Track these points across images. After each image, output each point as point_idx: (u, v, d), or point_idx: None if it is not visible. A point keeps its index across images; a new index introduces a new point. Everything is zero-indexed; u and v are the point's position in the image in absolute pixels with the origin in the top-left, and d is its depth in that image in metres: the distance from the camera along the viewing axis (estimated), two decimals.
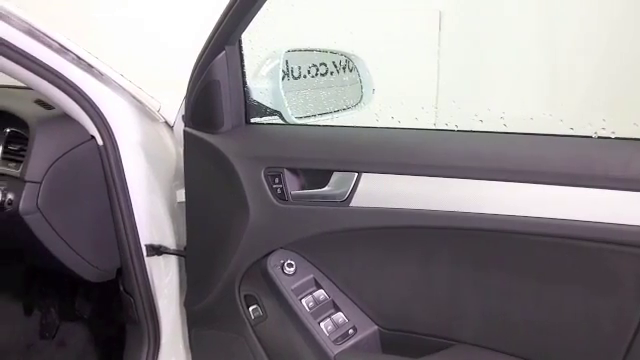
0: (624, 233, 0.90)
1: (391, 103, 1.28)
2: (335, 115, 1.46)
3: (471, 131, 1.06)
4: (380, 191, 1.06)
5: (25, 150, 1.28)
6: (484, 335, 1.07)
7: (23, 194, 1.24)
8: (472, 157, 1.01)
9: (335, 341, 1.13)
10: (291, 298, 1.16)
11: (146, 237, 1.37)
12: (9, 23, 1.10)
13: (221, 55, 1.15)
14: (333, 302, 1.17)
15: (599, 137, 0.98)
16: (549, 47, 2.38)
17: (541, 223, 0.94)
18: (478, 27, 2.50)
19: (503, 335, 1.06)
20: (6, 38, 1.09)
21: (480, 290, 1.05)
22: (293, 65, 1.42)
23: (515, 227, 0.96)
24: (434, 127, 1.11)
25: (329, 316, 1.16)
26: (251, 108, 1.26)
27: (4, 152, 1.34)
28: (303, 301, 1.16)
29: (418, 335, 1.12)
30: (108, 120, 1.28)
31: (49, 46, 1.16)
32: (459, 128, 1.07)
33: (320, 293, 1.17)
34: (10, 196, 1.24)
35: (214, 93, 1.17)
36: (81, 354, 1.83)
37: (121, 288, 1.43)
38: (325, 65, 1.49)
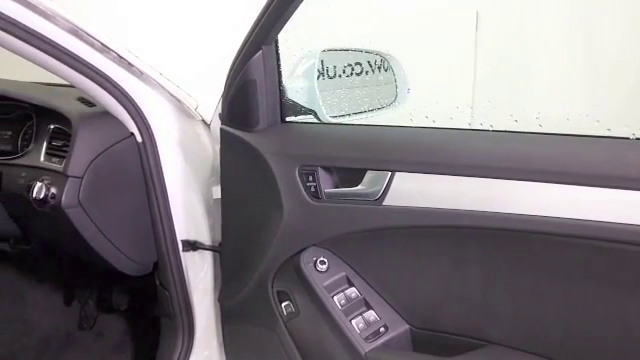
0: None
1: (426, 102, 1.28)
2: (369, 114, 1.47)
3: (506, 131, 1.05)
4: (413, 190, 1.06)
5: (68, 146, 1.31)
6: (515, 336, 1.06)
7: (65, 188, 1.27)
8: (506, 157, 1.00)
9: (366, 339, 1.14)
10: (323, 295, 1.17)
11: (182, 232, 1.39)
12: (55, 23, 1.13)
13: (258, 55, 1.16)
14: (365, 300, 1.18)
15: (637, 139, 0.96)
16: (587, 47, 2.34)
17: (575, 225, 0.93)
18: (515, 27, 2.48)
19: (534, 337, 1.05)
20: (52, 38, 1.12)
21: (512, 291, 1.05)
22: (328, 65, 1.44)
23: (548, 228, 0.95)
24: (469, 127, 1.11)
25: (361, 314, 1.16)
26: (286, 107, 1.27)
27: (48, 148, 1.38)
28: (335, 298, 1.17)
29: (449, 335, 1.12)
30: (147, 118, 1.30)
31: (92, 45, 1.19)
32: (494, 128, 1.07)
33: (352, 291, 1.18)
34: (53, 190, 1.27)
35: (251, 92, 1.19)
36: (117, 345, 1.87)
37: (157, 282, 1.46)
38: (360, 65, 1.50)
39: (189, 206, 1.40)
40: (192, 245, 1.40)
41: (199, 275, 1.45)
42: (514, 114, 1.09)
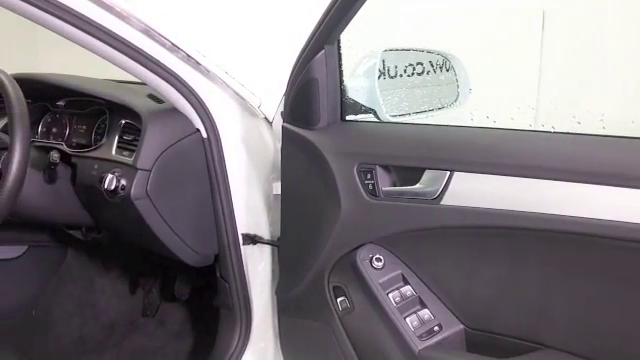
0: None
1: (487, 102, 1.27)
2: (430, 114, 1.47)
3: (567, 133, 1.03)
4: (471, 190, 1.06)
5: (138, 140, 1.36)
6: (570, 341, 1.04)
7: (135, 181, 1.31)
8: (567, 159, 0.98)
9: (420, 337, 1.14)
10: (378, 292, 1.18)
11: (243, 226, 1.42)
12: (129, 23, 1.18)
13: (320, 54, 1.18)
14: (420, 298, 1.18)
15: None
16: None
17: (636, 229, 0.91)
18: (582, 26, 2.40)
19: (590, 342, 1.02)
20: (126, 38, 1.18)
21: (568, 294, 1.03)
22: (390, 64, 1.44)
23: (608, 232, 0.93)
24: (529, 128, 1.09)
25: (415, 312, 1.17)
26: (347, 106, 1.29)
27: (119, 142, 1.42)
28: (390, 296, 1.18)
29: (503, 337, 1.11)
30: (212, 114, 1.34)
31: (162, 45, 1.23)
32: (556, 130, 1.05)
33: (407, 289, 1.19)
34: (123, 182, 1.32)
35: (312, 91, 1.21)
36: (178, 334, 1.93)
37: (217, 274, 1.49)
38: (422, 64, 1.50)
39: (250, 201, 1.43)
40: (252, 239, 1.43)
41: (258, 268, 1.49)
42: (577, 115, 1.07)
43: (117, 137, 1.44)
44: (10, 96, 1.25)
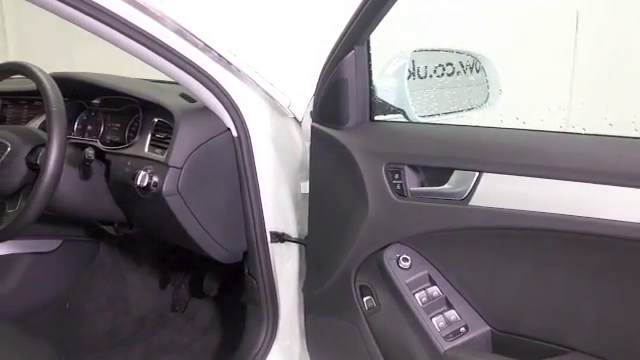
0: None
1: (516, 103, 1.26)
2: (459, 115, 1.46)
3: (598, 135, 1.02)
4: (500, 191, 1.06)
5: (170, 138, 1.38)
6: (598, 345, 1.03)
7: (166, 178, 1.34)
8: (596, 161, 0.97)
9: (446, 337, 1.14)
10: (405, 292, 1.18)
11: (271, 224, 1.43)
12: (163, 24, 1.21)
13: (350, 54, 1.19)
14: (446, 299, 1.18)
15: None
16: None
17: None
18: (616, 28, 2.36)
19: (618, 346, 1.01)
20: (160, 38, 1.20)
21: (597, 298, 1.02)
22: (419, 65, 1.44)
23: (638, 235, 0.92)
24: (560, 129, 1.08)
25: (441, 312, 1.17)
26: (376, 106, 1.29)
27: (152, 139, 1.45)
28: (416, 296, 1.18)
29: (530, 339, 1.10)
30: (243, 114, 1.36)
31: (195, 45, 1.25)
32: (586, 131, 1.04)
33: (434, 289, 1.18)
34: (155, 179, 1.35)
35: (342, 91, 1.22)
36: (206, 329, 1.95)
37: (246, 271, 1.51)
38: (452, 65, 1.49)
39: (278, 199, 1.44)
40: (280, 237, 1.44)
41: (285, 266, 1.50)
42: (609, 117, 1.06)
43: (150, 135, 1.47)
44: (49, 95, 1.29)
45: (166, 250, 2.03)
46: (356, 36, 1.17)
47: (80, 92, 1.65)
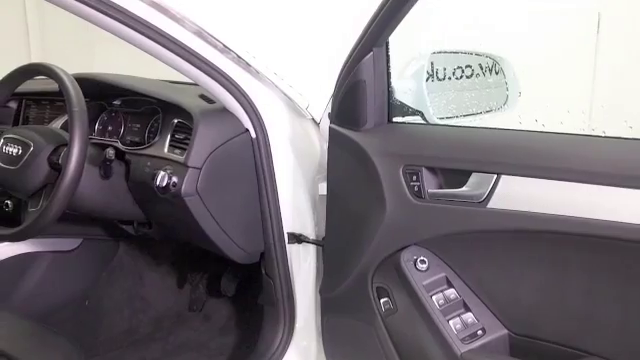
0: None
1: (536, 106, 1.25)
2: (478, 117, 1.46)
3: (617, 137, 1.01)
4: (519, 194, 1.05)
5: (189, 139, 1.39)
6: (618, 350, 1.02)
7: (185, 178, 1.35)
8: (615, 164, 0.96)
9: (463, 340, 1.13)
10: (422, 294, 1.17)
11: (289, 225, 1.44)
12: (182, 25, 1.22)
13: (369, 56, 1.19)
14: (463, 302, 1.17)
15: None
16: None
17: None
18: (638, 29, 2.33)
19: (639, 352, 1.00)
20: (180, 39, 1.22)
21: (617, 302, 1.00)
22: (438, 67, 1.44)
23: None
24: (579, 132, 1.07)
25: (458, 315, 1.16)
26: (394, 107, 1.29)
27: (171, 140, 1.46)
28: (434, 298, 1.17)
29: (549, 343, 1.09)
30: (261, 115, 1.36)
31: (214, 46, 1.27)
32: (606, 134, 1.03)
33: (451, 292, 1.18)
34: (174, 179, 1.36)
35: (360, 92, 1.22)
36: (222, 328, 1.96)
37: (263, 271, 1.51)
38: (471, 67, 1.49)
39: (296, 201, 1.45)
40: (297, 238, 1.45)
41: (302, 267, 1.50)
42: (629, 120, 1.05)
43: (169, 136, 1.48)
44: (71, 95, 1.31)
45: (184, 250, 2.04)
46: (375, 38, 1.17)
47: (101, 93, 1.67)
